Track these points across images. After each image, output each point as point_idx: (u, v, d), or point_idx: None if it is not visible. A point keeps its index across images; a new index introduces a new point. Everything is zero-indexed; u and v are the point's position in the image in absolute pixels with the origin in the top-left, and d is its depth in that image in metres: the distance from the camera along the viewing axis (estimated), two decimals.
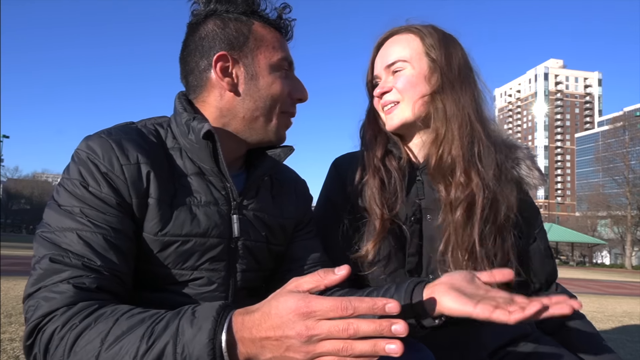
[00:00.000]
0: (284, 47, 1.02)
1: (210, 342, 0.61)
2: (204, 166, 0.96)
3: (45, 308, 0.73)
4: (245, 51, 0.98)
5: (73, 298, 0.73)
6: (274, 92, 0.99)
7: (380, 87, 1.21)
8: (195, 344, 0.62)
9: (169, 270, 0.91)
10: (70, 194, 0.84)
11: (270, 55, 0.99)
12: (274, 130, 1.01)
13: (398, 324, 0.51)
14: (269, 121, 1.00)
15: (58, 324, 0.71)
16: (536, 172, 1.20)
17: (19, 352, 2.45)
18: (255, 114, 0.99)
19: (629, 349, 3.62)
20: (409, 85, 1.17)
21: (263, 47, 0.99)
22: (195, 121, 0.93)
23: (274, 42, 1.00)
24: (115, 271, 0.81)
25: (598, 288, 13.15)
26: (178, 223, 0.90)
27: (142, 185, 0.88)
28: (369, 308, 0.49)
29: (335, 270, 0.58)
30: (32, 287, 0.76)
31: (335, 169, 1.31)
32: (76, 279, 0.76)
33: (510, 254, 1.13)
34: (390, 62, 1.20)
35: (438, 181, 1.15)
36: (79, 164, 0.87)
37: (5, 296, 4.30)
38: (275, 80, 0.99)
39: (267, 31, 1.00)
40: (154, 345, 0.64)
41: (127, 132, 0.93)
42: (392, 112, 1.20)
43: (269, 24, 1.01)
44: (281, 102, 1.00)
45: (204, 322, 0.63)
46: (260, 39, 0.99)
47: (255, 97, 0.98)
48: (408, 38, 1.20)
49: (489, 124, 1.20)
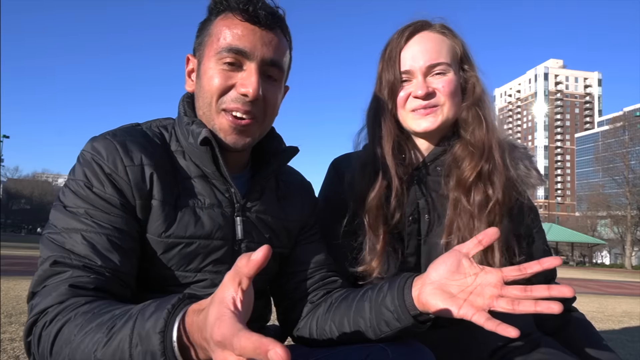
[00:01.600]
0: (234, 35, 0.91)
1: (161, 334, 0.60)
2: (206, 169, 0.96)
3: (42, 305, 0.75)
4: (199, 50, 0.98)
5: (66, 296, 0.75)
6: (209, 87, 0.92)
7: (422, 88, 1.15)
8: (149, 336, 0.61)
9: (172, 272, 0.91)
10: (76, 195, 0.85)
11: (213, 49, 0.93)
12: (218, 130, 0.94)
13: (274, 349, 0.45)
14: (212, 120, 0.95)
15: (47, 319, 0.73)
16: (534, 172, 1.21)
17: (19, 352, 2.45)
18: (202, 112, 0.97)
19: (629, 349, 3.62)
20: (453, 90, 1.17)
21: (212, 40, 0.94)
22: (194, 125, 0.93)
23: (223, 32, 0.92)
24: (117, 272, 0.82)
25: (598, 288, 13.14)
26: (182, 225, 0.90)
27: (146, 186, 0.89)
28: (253, 350, 0.46)
29: (252, 255, 0.56)
30: (35, 287, 0.79)
31: (335, 169, 1.30)
32: (75, 279, 0.77)
33: (514, 245, 1.14)
34: (434, 64, 1.15)
35: (465, 191, 1.14)
36: (84, 165, 0.88)
37: (5, 296, 4.30)
38: (214, 74, 0.92)
39: (223, 22, 0.93)
40: (113, 337, 0.65)
41: (132, 133, 0.93)
42: (431, 114, 1.16)
43: (228, 12, 0.93)
44: (216, 97, 0.92)
45: (159, 316, 0.62)
46: (213, 32, 0.94)
47: (200, 95, 0.96)
48: (443, 39, 1.19)
49: (501, 135, 1.22)
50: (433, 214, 1.17)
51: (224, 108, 0.93)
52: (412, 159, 1.23)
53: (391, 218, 1.14)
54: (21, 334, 2.78)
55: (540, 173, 1.22)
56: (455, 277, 0.81)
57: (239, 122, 0.93)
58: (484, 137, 1.15)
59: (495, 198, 1.11)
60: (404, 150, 1.21)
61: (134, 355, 0.62)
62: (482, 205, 1.11)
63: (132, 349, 0.62)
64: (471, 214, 1.11)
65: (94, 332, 0.67)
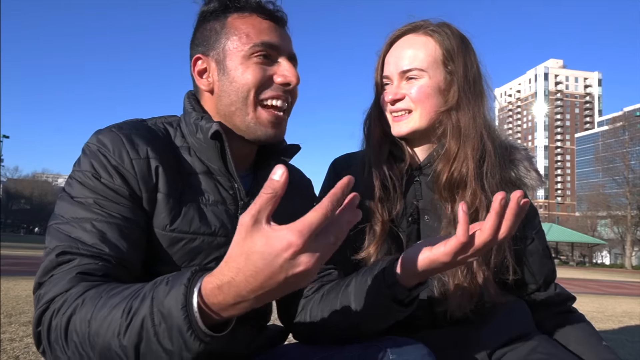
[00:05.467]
0: (262, 32, 0.96)
1: (183, 309, 0.60)
2: (212, 166, 0.97)
3: (50, 294, 0.74)
4: (217, 49, 0.97)
5: (74, 283, 0.74)
6: (246, 80, 0.94)
7: (392, 93, 1.16)
8: (171, 314, 0.61)
9: (176, 268, 0.91)
10: (83, 186, 0.85)
11: (242, 44, 0.95)
12: (254, 126, 0.96)
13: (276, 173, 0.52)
14: (246, 115, 0.96)
15: (56, 307, 0.72)
16: (534, 173, 1.20)
17: (19, 352, 2.45)
18: (231, 108, 0.97)
19: (629, 349, 3.62)
20: (424, 96, 1.14)
21: (235, 37, 0.95)
22: (204, 120, 0.94)
23: (248, 29, 0.96)
24: (124, 260, 0.82)
25: (598, 288, 13.16)
26: (186, 220, 0.91)
27: (152, 179, 0.89)
28: (321, 217, 0.52)
29: (274, 176, 0.54)
30: (42, 277, 0.78)
31: (334, 169, 1.31)
32: (83, 267, 0.76)
33: (508, 255, 1.13)
34: (406, 69, 1.15)
35: (444, 197, 1.14)
36: (90, 157, 0.88)
37: (5, 296, 4.30)
38: (247, 69, 0.94)
39: (244, 20, 0.97)
40: (134, 319, 0.64)
41: (137, 127, 0.94)
42: (402, 120, 1.17)
43: (248, 12, 0.97)
44: (256, 88, 0.95)
45: (178, 291, 0.61)
46: (232, 30, 0.96)
47: (229, 91, 0.96)
48: (425, 41, 1.16)
49: (496, 138, 1.19)
50: (432, 216, 1.17)
51: (264, 100, 0.96)
52: (411, 160, 1.23)
53: (389, 215, 1.15)
54: (21, 334, 2.80)
55: (540, 174, 1.22)
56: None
57: (278, 115, 0.97)
58: (456, 143, 1.13)
59: (475, 208, 1.10)
60: (403, 151, 1.22)
61: (159, 332, 0.62)
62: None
63: (156, 327, 0.62)
64: (451, 220, 1.12)
65: (111, 316, 0.66)
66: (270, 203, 0.55)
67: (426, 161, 1.20)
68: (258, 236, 0.55)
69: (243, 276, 0.56)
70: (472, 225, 0.80)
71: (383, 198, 1.15)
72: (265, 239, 0.54)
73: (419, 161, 1.23)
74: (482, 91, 1.19)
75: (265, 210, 0.55)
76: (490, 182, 1.13)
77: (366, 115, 1.28)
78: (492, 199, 1.11)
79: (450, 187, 1.13)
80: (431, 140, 1.20)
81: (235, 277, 0.57)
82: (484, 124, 1.15)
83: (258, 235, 0.55)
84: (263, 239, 0.54)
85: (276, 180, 0.54)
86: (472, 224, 0.80)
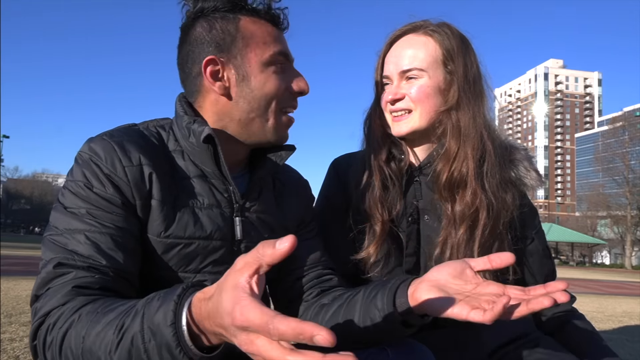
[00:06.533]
0: (277, 40, 0.97)
1: (172, 326, 0.59)
2: (206, 169, 0.96)
3: (46, 308, 0.74)
4: (233, 52, 0.94)
5: (70, 297, 0.74)
6: (268, 90, 0.95)
7: (392, 93, 1.17)
8: (161, 330, 0.60)
9: (172, 273, 0.91)
10: (76, 196, 0.85)
11: (261, 52, 0.94)
12: (273, 131, 0.98)
13: (319, 334, 0.46)
14: (265, 122, 0.97)
15: (51, 321, 0.72)
16: (534, 173, 1.21)
17: (19, 352, 2.45)
18: (250, 115, 0.96)
19: (629, 349, 3.62)
20: (423, 95, 1.14)
21: (253, 44, 0.94)
22: (196, 124, 0.93)
23: (264, 36, 0.95)
24: (122, 271, 0.81)
25: (598, 288, 13.16)
26: (181, 225, 0.90)
27: (145, 186, 0.88)
28: (294, 336, 0.46)
29: (277, 244, 0.53)
30: (39, 289, 0.78)
31: (335, 169, 1.31)
32: (80, 280, 0.76)
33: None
34: (405, 69, 1.15)
35: (444, 196, 1.14)
36: (82, 166, 0.87)
37: (5, 296, 4.30)
38: (268, 78, 0.95)
39: (257, 26, 0.96)
40: (125, 336, 0.64)
41: (129, 133, 0.93)
42: (402, 120, 1.17)
43: (258, 17, 0.96)
44: (277, 99, 0.96)
45: (167, 308, 0.61)
46: (249, 36, 0.94)
47: (249, 99, 0.95)
48: (425, 41, 1.16)
49: (496, 138, 1.19)
50: (432, 215, 1.17)
51: (283, 107, 0.98)
52: (411, 160, 1.24)
53: (388, 214, 1.15)
54: (21, 334, 2.80)
55: (540, 174, 1.22)
56: (456, 280, 0.78)
57: (292, 119, 1.02)
58: (456, 143, 1.13)
59: (476, 207, 1.10)
60: (403, 151, 1.22)
61: (149, 349, 0.62)
62: (463, 213, 1.11)
63: (146, 344, 0.62)
64: (451, 220, 1.12)
65: (104, 333, 0.66)
66: (264, 269, 0.55)
67: (426, 161, 1.20)
68: (231, 283, 0.53)
69: (212, 304, 0.56)
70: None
71: (383, 198, 1.15)
72: (232, 290, 0.53)
73: (419, 161, 1.23)
74: (482, 91, 1.19)
75: (254, 275, 0.54)
76: (491, 182, 1.13)
77: (366, 115, 1.28)
78: (492, 198, 1.12)
79: (450, 187, 1.13)
80: (431, 140, 1.20)
81: (212, 297, 0.57)
82: (484, 123, 1.15)
83: (232, 283, 0.53)
84: (231, 291, 0.53)
85: (279, 249, 0.53)
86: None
